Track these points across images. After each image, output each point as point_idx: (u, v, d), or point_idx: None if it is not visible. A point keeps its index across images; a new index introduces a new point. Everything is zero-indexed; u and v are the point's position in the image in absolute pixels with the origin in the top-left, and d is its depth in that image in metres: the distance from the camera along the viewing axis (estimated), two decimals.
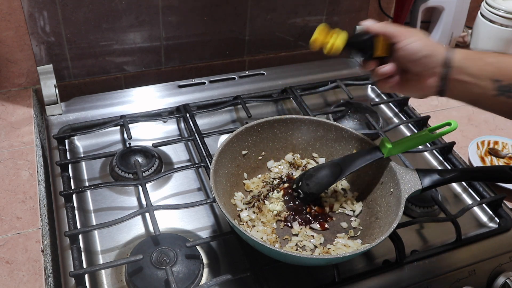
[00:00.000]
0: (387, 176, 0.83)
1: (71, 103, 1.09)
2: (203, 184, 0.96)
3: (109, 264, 0.76)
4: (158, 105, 1.11)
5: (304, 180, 0.87)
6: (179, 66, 1.23)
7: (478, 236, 0.88)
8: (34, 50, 1.07)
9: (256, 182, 0.90)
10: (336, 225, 0.86)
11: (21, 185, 0.88)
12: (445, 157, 1.05)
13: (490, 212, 0.95)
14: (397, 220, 0.74)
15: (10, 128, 1.00)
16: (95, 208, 0.89)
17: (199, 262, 0.79)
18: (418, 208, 0.92)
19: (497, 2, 1.36)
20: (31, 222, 0.82)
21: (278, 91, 1.18)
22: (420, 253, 0.84)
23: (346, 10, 1.30)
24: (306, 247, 0.81)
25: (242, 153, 0.89)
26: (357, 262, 0.83)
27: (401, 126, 1.14)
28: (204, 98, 1.13)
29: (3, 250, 0.77)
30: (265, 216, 0.84)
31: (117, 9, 1.08)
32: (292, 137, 0.93)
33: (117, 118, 1.04)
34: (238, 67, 1.29)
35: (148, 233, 0.85)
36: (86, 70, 1.15)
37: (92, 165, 0.98)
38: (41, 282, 0.73)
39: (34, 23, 1.03)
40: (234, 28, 1.22)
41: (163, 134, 1.07)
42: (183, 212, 0.89)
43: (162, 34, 1.16)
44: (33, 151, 0.95)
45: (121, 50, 1.15)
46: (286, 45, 1.31)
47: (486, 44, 1.41)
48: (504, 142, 1.09)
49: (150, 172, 0.95)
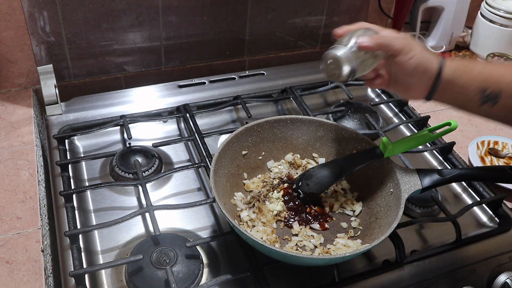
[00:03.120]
0: (387, 176, 0.83)
1: (71, 103, 1.09)
2: (203, 184, 0.96)
3: (109, 264, 0.76)
4: (158, 105, 1.11)
5: (304, 180, 0.87)
6: (179, 66, 1.23)
7: (478, 236, 0.88)
8: (34, 50, 1.07)
9: (256, 182, 0.90)
10: (336, 225, 0.86)
11: (21, 185, 0.88)
12: (445, 157, 1.05)
13: (490, 212, 0.95)
14: (397, 220, 0.74)
15: (10, 128, 1.00)
16: (95, 208, 0.89)
17: (199, 262, 0.79)
18: (418, 208, 0.92)
19: (497, 2, 1.36)
20: (31, 222, 0.82)
21: (278, 91, 1.18)
22: (420, 253, 0.84)
23: (346, 10, 1.30)
24: (306, 247, 0.81)
25: (242, 153, 0.89)
26: (357, 262, 0.83)
27: (401, 126, 1.15)
28: (204, 98, 1.13)
29: (3, 250, 0.77)
30: (265, 216, 0.84)
31: (117, 9, 1.08)
32: (292, 137, 0.93)
33: (117, 118, 1.04)
34: (238, 67, 1.29)
35: (148, 233, 0.85)
36: (86, 70, 1.15)
37: (92, 165, 0.98)
38: (41, 282, 0.73)
39: (34, 23, 1.03)
40: (234, 28, 1.22)
41: (163, 134, 1.07)
42: (183, 212, 0.89)
43: (162, 34, 1.16)
44: (33, 151, 0.95)
45: (121, 50, 1.15)
46: (286, 45, 1.31)
47: (486, 44, 1.41)
48: (504, 142, 1.09)
49: (150, 172, 0.95)
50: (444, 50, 1.45)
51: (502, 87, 0.66)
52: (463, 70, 0.68)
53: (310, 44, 1.32)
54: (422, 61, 0.69)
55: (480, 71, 0.68)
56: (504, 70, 0.67)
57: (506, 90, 0.66)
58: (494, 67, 0.69)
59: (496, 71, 0.68)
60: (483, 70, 0.68)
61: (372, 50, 0.69)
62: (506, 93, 0.66)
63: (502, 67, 0.69)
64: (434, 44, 1.45)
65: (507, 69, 0.67)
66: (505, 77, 0.66)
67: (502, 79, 0.66)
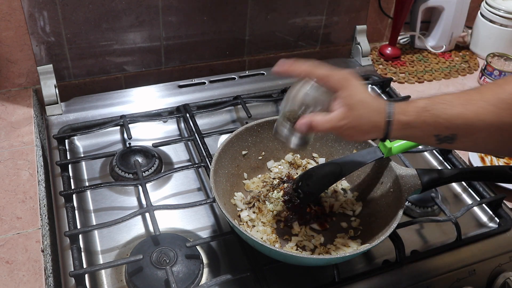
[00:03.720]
0: (387, 176, 0.83)
1: (71, 103, 1.09)
2: (203, 184, 0.96)
3: (109, 264, 0.76)
4: (158, 105, 1.11)
5: (304, 180, 0.86)
6: (179, 66, 1.23)
7: (478, 236, 0.88)
8: (34, 50, 1.07)
9: (256, 182, 0.90)
10: (336, 225, 0.86)
11: (21, 185, 0.88)
12: (445, 157, 1.05)
13: (490, 212, 0.95)
14: (397, 220, 0.74)
15: (10, 128, 1.00)
16: (95, 208, 0.89)
17: (199, 262, 0.79)
18: (418, 208, 0.92)
19: (497, 2, 1.36)
20: (31, 222, 0.82)
21: (278, 91, 1.18)
22: (420, 253, 0.84)
23: (346, 10, 1.30)
24: (306, 247, 0.81)
25: (242, 153, 0.89)
26: (357, 262, 0.83)
27: None
28: (204, 98, 1.13)
29: (3, 250, 0.77)
30: (265, 216, 0.84)
31: (117, 9, 1.08)
32: None
33: (117, 118, 1.04)
34: (238, 67, 1.29)
35: (148, 233, 0.85)
36: (86, 70, 1.15)
37: (92, 165, 0.98)
38: (41, 282, 0.73)
39: (34, 23, 1.03)
40: (234, 28, 1.22)
41: (163, 134, 1.07)
42: (183, 212, 0.89)
43: (162, 34, 1.16)
44: (33, 151, 0.95)
45: (121, 50, 1.15)
46: (286, 45, 1.31)
47: (486, 44, 1.41)
48: None
49: (150, 172, 0.95)
50: (444, 50, 1.45)
51: (456, 131, 0.64)
52: (413, 126, 0.65)
53: (310, 44, 1.32)
54: (368, 129, 0.66)
55: (433, 121, 0.64)
56: (459, 110, 0.63)
57: (460, 132, 0.64)
58: (449, 108, 0.63)
59: (451, 112, 0.63)
60: (437, 117, 0.64)
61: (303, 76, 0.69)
62: (461, 134, 0.64)
63: (457, 106, 0.63)
64: (434, 44, 1.45)
65: (463, 107, 0.63)
66: (459, 118, 0.63)
67: (457, 121, 0.63)
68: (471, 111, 0.62)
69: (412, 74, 1.35)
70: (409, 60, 1.41)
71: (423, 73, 1.36)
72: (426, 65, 1.40)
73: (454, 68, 1.39)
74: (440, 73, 1.36)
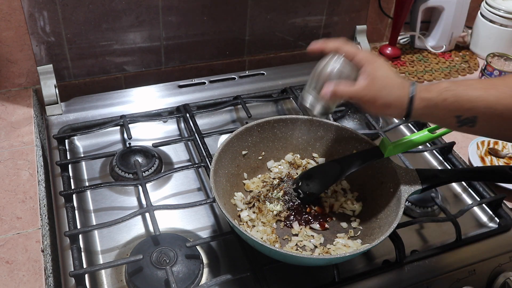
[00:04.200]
0: (387, 176, 0.83)
1: (71, 103, 1.09)
2: (203, 184, 0.96)
3: (109, 264, 0.76)
4: (158, 105, 1.11)
5: (304, 180, 0.87)
6: (179, 66, 1.23)
7: (478, 236, 0.88)
8: (34, 50, 1.07)
9: (256, 182, 0.90)
10: (336, 225, 0.86)
11: (21, 185, 0.88)
12: (445, 157, 1.05)
13: (490, 212, 0.95)
14: (397, 220, 0.74)
15: (10, 128, 1.00)
16: (95, 208, 0.89)
17: (199, 262, 0.79)
18: (418, 208, 0.92)
19: (497, 2, 1.36)
20: (31, 222, 0.82)
21: (278, 91, 1.18)
22: (420, 253, 0.84)
23: (346, 10, 1.30)
24: (306, 247, 0.81)
25: (242, 153, 0.89)
26: (357, 262, 0.82)
27: (401, 126, 1.14)
28: (204, 98, 1.13)
29: (3, 250, 0.77)
30: (265, 216, 0.84)
31: (117, 9, 1.08)
32: (292, 137, 0.93)
33: (117, 118, 1.04)
34: (238, 67, 1.29)
35: (148, 233, 0.85)
36: (86, 70, 1.15)
37: (92, 165, 0.98)
38: (41, 282, 0.73)
39: (34, 23, 1.03)
40: (234, 28, 1.22)
41: (163, 134, 1.07)
42: (183, 212, 0.89)
43: (162, 34, 1.16)
44: (33, 151, 0.95)
45: (121, 50, 1.15)
46: (286, 45, 1.31)
47: (486, 44, 1.41)
48: (504, 142, 1.09)
49: (150, 172, 0.95)
50: (444, 50, 1.45)
51: (477, 113, 0.65)
52: (434, 104, 0.67)
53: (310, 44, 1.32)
54: (390, 101, 0.69)
55: (455, 100, 0.65)
56: (480, 93, 0.65)
57: (481, 115, 0.65)
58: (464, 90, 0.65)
59: (473, 93, 0.65)
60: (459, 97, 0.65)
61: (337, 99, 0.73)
62: (481, 118, 0.65)
63: (478, 89, 0.65)
64: (434, 44, 1.45)
65: (484, 91, 0.65)
66: (480, 101, 0.64)
67: (477, 103, 0.64)
68: (493, 95, 0.64)
69: (412, 74, 1.35)
70: (409, 60, 1.41)
71: (423, 73, 1.36)
72: (426, 65, 1.40)
73: (454, 68, 1.39)
74: (440, 73, 1.37)
